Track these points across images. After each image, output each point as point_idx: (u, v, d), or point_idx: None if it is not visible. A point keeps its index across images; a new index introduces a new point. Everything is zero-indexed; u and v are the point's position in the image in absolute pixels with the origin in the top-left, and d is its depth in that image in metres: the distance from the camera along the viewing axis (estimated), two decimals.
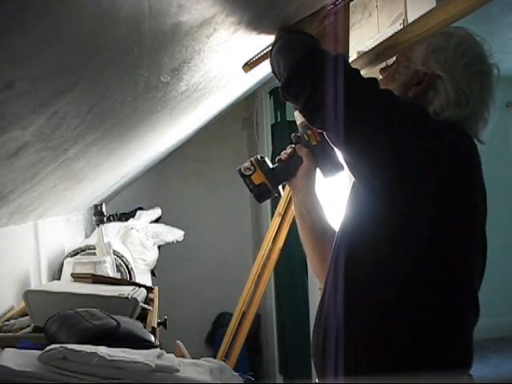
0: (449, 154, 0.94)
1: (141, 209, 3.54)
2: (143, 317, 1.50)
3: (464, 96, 0.99)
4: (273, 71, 1.08)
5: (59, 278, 1.91)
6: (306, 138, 1.20)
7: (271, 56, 1.07)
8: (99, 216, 2.09)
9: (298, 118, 1.21)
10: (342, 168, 1.20)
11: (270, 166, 1.22)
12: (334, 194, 1.89)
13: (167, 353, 1.03)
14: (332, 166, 1.20)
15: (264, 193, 1.21)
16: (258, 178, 1.19)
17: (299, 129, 1.23)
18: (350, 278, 0.97)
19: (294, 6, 1.02)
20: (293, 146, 1.23)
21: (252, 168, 1.20)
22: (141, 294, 1.54)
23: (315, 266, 1.23)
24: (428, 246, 0.92)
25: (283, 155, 1.22)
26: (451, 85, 0.99)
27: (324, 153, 1.19)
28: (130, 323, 1.23)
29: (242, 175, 1.21)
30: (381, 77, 1.13)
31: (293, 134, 1.24)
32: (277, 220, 2.24)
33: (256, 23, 1.00)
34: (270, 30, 1.09)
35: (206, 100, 1.63)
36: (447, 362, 0.92)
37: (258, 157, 1.23)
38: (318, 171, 1.22)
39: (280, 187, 1.24)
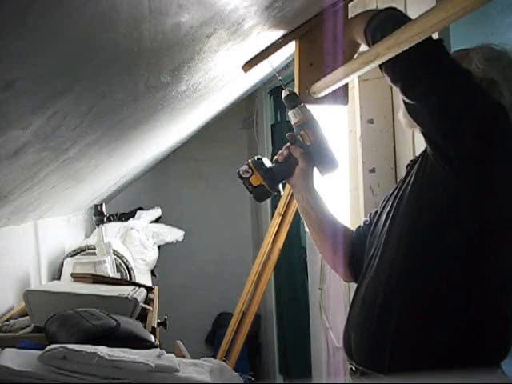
0: None
1: (141, 209, 3.54)
2: (143, 317, 1.50)
3: None
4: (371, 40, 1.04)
5: (59, 278, 1.91)
6: (300, 139, 1.21)
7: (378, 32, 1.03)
8: (99, 216, 2.09)
9: (292, 118, 1.22)
10: (338, 165, 1.21)
11: (268, 166, 1.24)
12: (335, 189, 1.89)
13: (167, 353, 1.03)
14: (327, 164, 1.22)
15: (263, 193, 1.23)
16: (256, 180, 1.21)
17: (294, 129, 1.24)
18: (411, 269, 1.02)
19: (294, 6, 1.02)
20: (288, 145, 1.24)
21: (250, 170, 1.22)
22: (141, 294, 1.54)
23: (325, 253, 1.32)
24: (496, 235, 0.98)
25: (279, 156, 1.24)
26: (508, 90, 1.03)
27: (318, 151, 1.20)
28: (129, 323, 1.23)
29: (241, 177, 1.23)
30: None
31: (287, 134, 1.25)
32: (277, 220, 2.24)
33: (256, 23, 1.00)
34: (270, 30, 1.09)
35: (205, 100, 1.63)
36: (489, 355, 0.99)
37: (256, 158, 1.24)
38: (316, 169, 1.23)
39: (280, 186, 1.27)
